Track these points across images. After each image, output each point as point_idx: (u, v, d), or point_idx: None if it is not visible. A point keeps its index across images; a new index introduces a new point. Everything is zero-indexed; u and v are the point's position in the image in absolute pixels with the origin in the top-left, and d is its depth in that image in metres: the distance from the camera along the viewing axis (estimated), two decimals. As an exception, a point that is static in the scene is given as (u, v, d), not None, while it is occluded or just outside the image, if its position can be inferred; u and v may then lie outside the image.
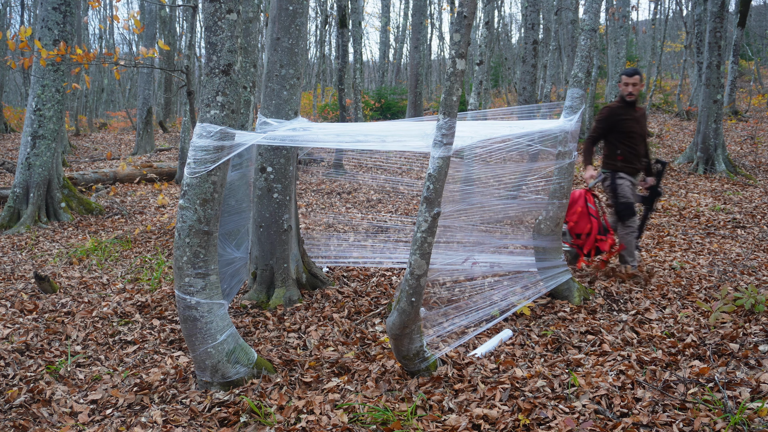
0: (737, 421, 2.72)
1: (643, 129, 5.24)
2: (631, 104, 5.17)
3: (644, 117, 5.29)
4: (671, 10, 28.97)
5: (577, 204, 5.13)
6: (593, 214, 5.12)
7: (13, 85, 30.03)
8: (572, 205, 5.09)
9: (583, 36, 4.79)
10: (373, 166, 12.01)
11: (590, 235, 5.11)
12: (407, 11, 28.18)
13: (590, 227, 5.11)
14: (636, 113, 5.20)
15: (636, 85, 5.10)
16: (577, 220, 5.13)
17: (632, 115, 5.17)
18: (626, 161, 5.17)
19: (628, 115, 5.16)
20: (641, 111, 5.28)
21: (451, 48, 3.21)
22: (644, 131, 5.27)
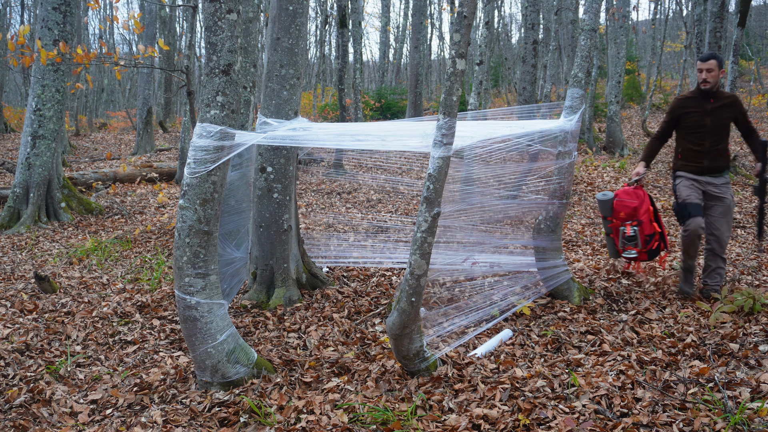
0: (737, 421, 2.72)
1: (719, 122, 4.48)
2: (706, 94, 4.49)
3: (729, 107, 4.49)
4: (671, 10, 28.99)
5: (646, 202, 4.62)
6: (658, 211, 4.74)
7: (13, 85, 30.03)
8: (642, 205, 4.60)
9: (583, 36, 4.79)
10: (373, 166, 12.01)
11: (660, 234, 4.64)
12: (407, 11, 28.18)
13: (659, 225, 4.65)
14: (710, 104, 4.49)
15: (712, 71, 4.40)
16: (651, 220, 4.63)
17: (702, 107, 4.50)
18: (687, 159, 4.60)
19: (697, 107, 4.52)
20: (726, 100, 4.50)
21: (451, 48, 3.21)
22: (721, 124, 4.49)
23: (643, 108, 20.32)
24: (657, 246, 4.64)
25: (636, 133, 16.64)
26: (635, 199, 4.61)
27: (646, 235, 4.59)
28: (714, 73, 4.42)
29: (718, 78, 4.43)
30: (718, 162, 4.53)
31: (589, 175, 10.88)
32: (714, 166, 4.53)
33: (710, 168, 4.53)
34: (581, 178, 10.58)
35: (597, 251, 6.42)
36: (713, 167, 4.53)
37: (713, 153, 4.51)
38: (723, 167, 4.56)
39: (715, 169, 4.54)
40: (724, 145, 4.53)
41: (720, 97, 4.50)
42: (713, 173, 4.54)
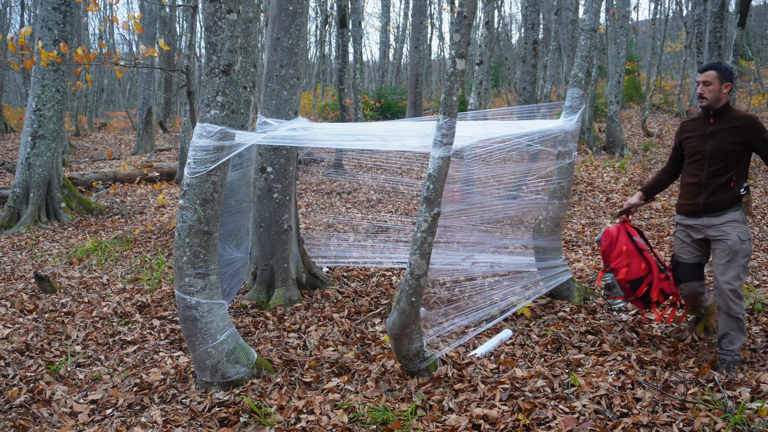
0: (737, 421, 2.72)
1: (721, 147, 3.50)
2: (709, 113, 3.58)
3: (736, 130, 3.49)
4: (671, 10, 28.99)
5: (619, 242, 3.81)
6: (643, 249, 3.81)
7: (13, 85, 30.03)
8: (613, 247, 3.84)
9: (583, 36, 4.79)
10: (373, 166, 12.01)
11: (650, 276, 3.74)
12: (407, 11, 28.18)
13: (647, 266, 3.76)
14: (710, 126, 3.56)
15: (709, 84, 3.50)
16: (629, 263, 3.76)
17: (702, 130, 3.60)
18: (683, 197, 3.70)
19: (696, 130, 3.64)
20: (734, 122, 3.52)
21: (451, 48, 3.21)
22: (724, 150, 3.50)
23: (643, 108, 20.32)
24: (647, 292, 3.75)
25: (636, 133, 16.64)
26: (606, 240, 3.89)
27: (629, 281, 3.77)
28: (713, 86, 3.50)
29: (718, 93, 3.50)
30: (717, 197, 3.52)
31: (589, 175, 10.88)
32: (712, 202, 3.54)
33: (707, 206, 3.55)
34: (581, 178, 10.58)
35: (597, 251, 6.42)
36: (711, 205, 3.54)
37: (711, 187, 3.54)
38: (725, 205, 3.52)
39: (714, 207, 3.53)
40: (729, 178, 3.50)
41: (726, 116, 3.54)
42: (712, 212, 3.55)
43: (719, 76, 3.50)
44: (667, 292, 3.77)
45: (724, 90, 3.51)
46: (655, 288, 3.73)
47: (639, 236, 3.88)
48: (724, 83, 3.50)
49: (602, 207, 8.69)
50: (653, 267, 3.76)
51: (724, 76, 3.50)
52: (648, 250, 3.82)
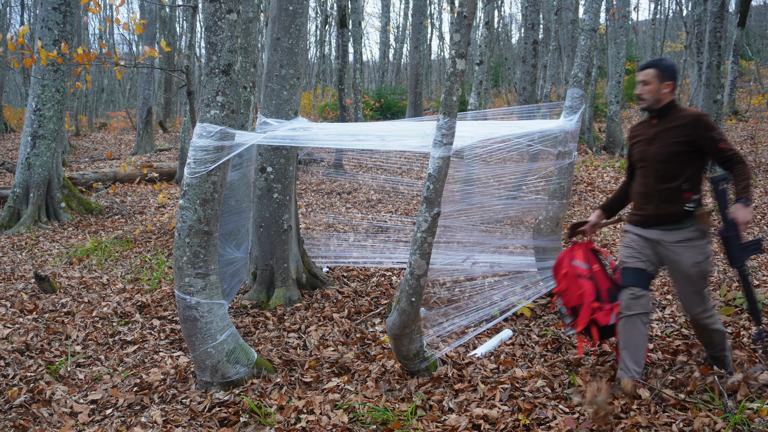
0: (737, 421, 2.72)
1: (666, 149, 3.16)
2: (654, 114, 3.26)
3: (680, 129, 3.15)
4: (671, 10, 29.00)
5: (563, 264, 3.46)
6: (583, 274, 3.35)
7: (13, 85, 30.03)
8: (559, 268, 3.50)
9: (583, 36, 4.79)
10: (373, 166, 12.01)
11: (582, 305, 3.30)
12: (407, 11, 28.18)
13: (581, 293, 3.33)
14: (655, 128, 3.23)
15: (647, 83, 3.20)
16: (567, 287, 3.39)
17: (646, 134, 3.27)
18: (634, 206, 3.35)
19: (642, 134, 3.31)
20: (678, 120, 3.17)
21: (451, 48, 3.21)
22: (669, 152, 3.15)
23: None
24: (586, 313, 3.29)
25: (636, 133, 16.62)
26: (557, 260, 3.54)
27: (570, 307, 3.39)
28: (651, 86, 3.19)
29: (657, 92, 3.18)
30: (667, 208, 3.14)
31: (589, 175, 10.88)
32: (662, 214, 3.15)
33: (657, 217, 3.17)
34: (581, 178, 10.58)
35: (597, 251, 6.42)
36: (662, 216, 3.16)
37: (661, 195, 3.16)
38: (677, 217, 3.14)
39: (665, 220, 3.16)
40: (678, 185, 3.14)
41: (670, 116, 3.20)
42: (663, 225, 3.17)
43: (658, 74, 3.19)
44: (599, 323, 3.22)
45: (664, 89, 3.18)
46: (582, 316, 3.26)
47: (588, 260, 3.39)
48: (664, 82, 3.18)
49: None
50: (585, 294, 3.28)
51: (663, 74, 3.19)
52: (587, 276, 3.33)
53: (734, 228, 3.08)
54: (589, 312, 3.24)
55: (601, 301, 3.26)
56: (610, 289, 3.29)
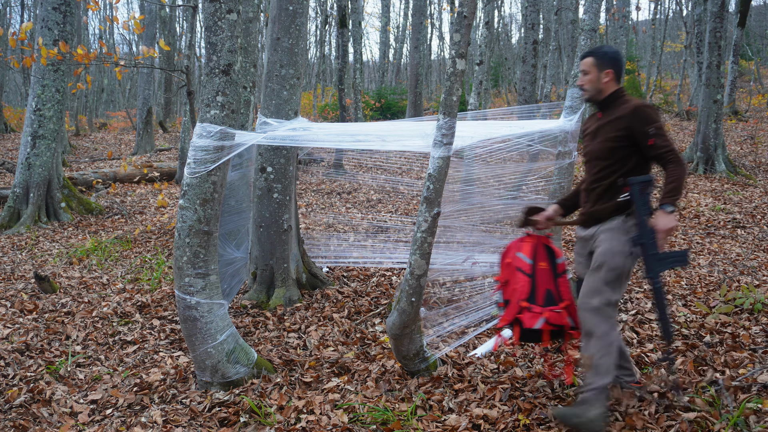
0: (737, 421, 2.72)
1: (603, 144, 2.94)
2: (600, 105, 3.04)
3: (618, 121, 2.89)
4: (671, 10, 28.99)
5: (507, 254, 3.19)
6: (523, 269, 3.07)
7: (13, 85, 30.03)
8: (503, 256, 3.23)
9: (583, 36, 4.79)
10: (373, 166, 12.01)
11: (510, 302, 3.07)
12: (407, 11, 28.19)
13: (514, 288, 3.08)
14: (599, 121, 3.03)
15: (587, 73, 3.00)
16: (507, 279, 3.13)
17: (592, 127, 3.07)
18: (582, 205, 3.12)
19: (589, 127, 3.12)
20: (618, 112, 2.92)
21: (451, 48, 3.21)
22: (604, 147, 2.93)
23: (643, 108, 20.28)
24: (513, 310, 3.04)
25: (636, 133, 16.63)
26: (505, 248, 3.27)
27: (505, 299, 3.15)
28: (591, 75, 2.98)
29: (597, 82, 2.97)
30: (602, 204, 2.93)
31: (589, 175, 10.87)
32: (597, 210, 2.95)
33: (592, 215, 2.98)
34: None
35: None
36: (596, 213, 2.96)
37: (596, 192, 2.96)
38: (610, 212, 2.90)
39: (601, 216, 2.94)
40: (612, 182, 2.89)
41: (613, 108, 2.96)
42: (599, 222, 2.96)
43: (596, 62, 2.97)
44: (523, 323, 2.97)
45: (604, 78, 2.95)
46: (508, 311, 3.04)
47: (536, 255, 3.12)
48: (604, 70, 2.95)
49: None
50: (517, 290, 3.04)
51: (602, 62, 2.96)
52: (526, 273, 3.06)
53: (651, 236, 2.74)
54: (516, 309, 3.01)
55: (534, 302, 3.00)
56: (549, 292, 3.03)
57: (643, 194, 2.80)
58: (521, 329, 3.00)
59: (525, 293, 3.02)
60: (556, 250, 3.18)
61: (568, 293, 3.06)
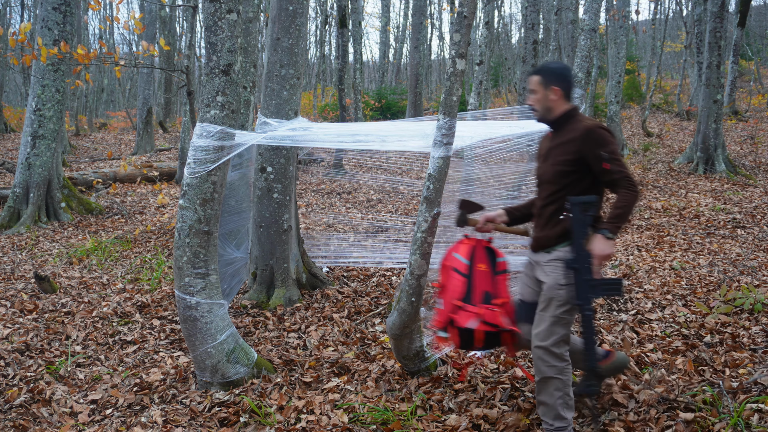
0: (736, 421, 2.72)
1: (552, 167, 2.78)
2: (552, 125, 2.88)
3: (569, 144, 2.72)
4: (671, 10, 28.99)
5: (446, 256, 3.04)
6: (459, 269, 2.92)
7: (13, 85, 30.02)
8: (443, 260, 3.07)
9: (583, 36, 4.79)
10: (373, 166, 12.01)
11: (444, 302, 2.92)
12: (407, 11, 28.18)
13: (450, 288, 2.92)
14: (550, 142, 2.88)
15: (534, 92, 2.84)
16: (444, 282, 2.98)
17: (543, 148, 2.95)
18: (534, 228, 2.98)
19: (541, 148, 2.99)
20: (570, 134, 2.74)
21: (451, 48, 3.21)
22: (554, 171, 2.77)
23: (643, 108, 20.33)
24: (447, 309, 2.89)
25: (636, 133, 16.64)
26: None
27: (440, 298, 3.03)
28: (538, 95, 2.83)
29: (545, 100, 2.81)
30: (547, 231, 2.80)
31: (589, 175, 10.87)
32: (542, 237, 2.83)
33: (538, 241, 2.86)
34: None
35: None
36: (541, 240, 2.83)
37: (543, 217, 2.83)
38: (555, 240, 2.75)
39: (545, 243, 2.81)
40: (559, 207, 2.75)
41: (565, 129, 2.80)
42: (543, 248, 2.82)
43: (542, 80, 2.81)
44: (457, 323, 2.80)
45: (551, 96, 2.79)
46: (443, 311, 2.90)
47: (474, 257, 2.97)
48: (550, 87, 2.79)
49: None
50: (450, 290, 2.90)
51: (548, 80, 2.80)
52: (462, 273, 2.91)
53: (585, 260, 2.60)
54: (449, 308, 2.86)
55: (469, 302, 2.85)
56: (487, 293, 2.88)
57: (584, 215, 2.64)
58: (459, 331, 2.82)
59: (459, 293, 2.87)
60: (497, 250, 3.04)
61: (506, 291, 2.93)
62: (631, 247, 6.49)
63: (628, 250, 6.40)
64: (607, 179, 2.65)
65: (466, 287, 2.89)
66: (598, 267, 2.59)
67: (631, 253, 6.25)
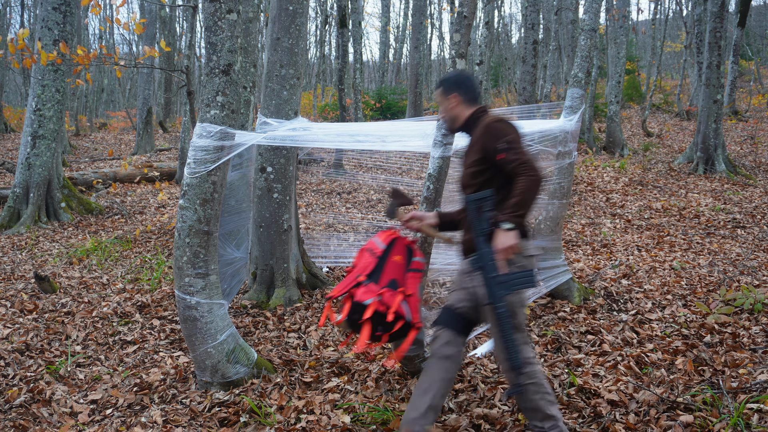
0: (736, 421, 2.72)
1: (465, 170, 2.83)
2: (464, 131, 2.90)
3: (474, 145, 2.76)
4: (671, 10, 28.99)
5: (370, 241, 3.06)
6: (373, 251, 2.96)
7: (13, 85, 30.03)
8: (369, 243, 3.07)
9: (583, 36, 4.79)
10: (373, 166, 12.01)
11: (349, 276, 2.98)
12: (407, 11, 28.18)
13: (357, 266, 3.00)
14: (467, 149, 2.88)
15: (439, 104, 2.94)
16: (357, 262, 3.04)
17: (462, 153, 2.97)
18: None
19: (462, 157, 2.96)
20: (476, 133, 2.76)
21: (451, 48, 3.21)
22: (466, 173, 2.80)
23: (643, 108, 20.33)
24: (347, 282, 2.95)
25: (636, 133, 16.64)
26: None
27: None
28: (442, 107, 2.90)
29: (448, 110, 2.87)
30: (470, 234, 2.74)
31: (589, 175, 10.88)
32: (466, 241, 2.80)
33: (464, 245, 2.84)
34: (581, 178, 10.58)
35: (597, 251, 6.42)
36: (466, 244, 2.80)
37: (466, 221, 2.79)
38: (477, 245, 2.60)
39: (467, 250, 2.80)
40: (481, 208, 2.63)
41: (472, 132, 2.83)
42: (467, 254, 2.80)
43: (442, 91, 2.87)
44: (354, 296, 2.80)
45: (452, 103, 2.83)
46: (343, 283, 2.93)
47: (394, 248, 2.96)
48: (448, 96, 2.84)
49: (602, 207, 8.69)
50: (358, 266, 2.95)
51: (446, 89, 2.85)
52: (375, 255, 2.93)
53: (489, 258, 2.50)
54: (351, 282, 2.84)
55: (375, 281, 2.82)
56: (394, 281, 2.84)
57: (480, 213, 2.57)
58: (351, 304, 2.77)
59: (366, 270, 2.85)
60: (417, 251, 3.02)
61: (414, 289, 2.85)
62: (631, 247, 6.49)
63: (628, 250, 6.41)
64: (507, 170, 2.57)
65: (374, 268, 2.87)
66: (503, 262, 2.50)
67: (631, 253, 6.25)
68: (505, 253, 2.47)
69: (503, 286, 2.49)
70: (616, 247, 6.54)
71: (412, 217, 3.01)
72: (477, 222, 2.58)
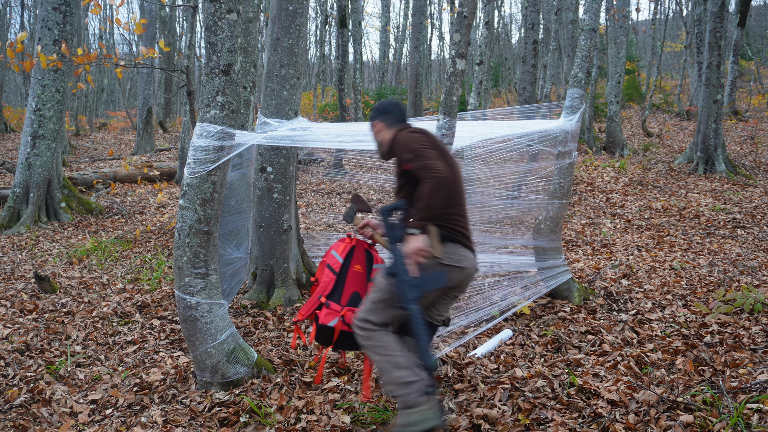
0: (736, 421, 2.72)
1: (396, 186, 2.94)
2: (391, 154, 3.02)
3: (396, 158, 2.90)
4: (671, 10, 28.99)
5: (326, 254, 3.13)
6: (332, 266, 3.03)
7: (13, 85, 30.03)
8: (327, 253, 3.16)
9: (583, 36, 4.79)
10: (373, 166, 12.00)
11: (311, 296, 3.06)
12: (407, 11, 28.18)
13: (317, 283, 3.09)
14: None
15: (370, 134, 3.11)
16: (319, 277, 3.09)
17: None
18: None
19: None
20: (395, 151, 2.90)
21: (451, 48, 3.21)
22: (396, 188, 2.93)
23: (643, 108, 20.33)
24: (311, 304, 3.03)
25: (636, 133, 16.64)
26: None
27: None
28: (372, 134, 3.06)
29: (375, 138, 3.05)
30: None
31: (589, 175, 10.88)
32: None
33: None
34: (581, 178, 10.58)
35: (597, 251, 6.42)
36: None
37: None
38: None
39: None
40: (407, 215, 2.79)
41: None
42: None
43: (370, 123, 3.07)
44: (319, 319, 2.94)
45: (376, 129, 3.00)
46: (307, 305, 3.04)
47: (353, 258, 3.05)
48: (372, 124, 3.03)
49: (602, 207, 8.69)
50: (320, 286, 3.03)
51: (372, 120, 3.04)
52: (334, 270, 3.01)
53: (400, 263, 2.60)
54: (314, 305, 2.98)
55: (335, 300, 2.96)
56: (356, 295, 2.97)
57: (390, 222, 2.71)
58: (317, 327, 2.96)
59: (327, 290, 2.98)
60: (377, 257, 3.09)
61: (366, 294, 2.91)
62: (631, 247, 6.50)
63: (628, 250, 6.41)
64: (417, 178, 2.62)
65: (334, 285, 3.00)
66: (413, 265, 2.58)
67: (631, 253, 6.25)
68: (415, 256, 2.56)
69: (416, 288, 2.58)
70: (616, 247, 6.54)
71: (367, 224, 3.09)
72: (390, 230, 2.70)
